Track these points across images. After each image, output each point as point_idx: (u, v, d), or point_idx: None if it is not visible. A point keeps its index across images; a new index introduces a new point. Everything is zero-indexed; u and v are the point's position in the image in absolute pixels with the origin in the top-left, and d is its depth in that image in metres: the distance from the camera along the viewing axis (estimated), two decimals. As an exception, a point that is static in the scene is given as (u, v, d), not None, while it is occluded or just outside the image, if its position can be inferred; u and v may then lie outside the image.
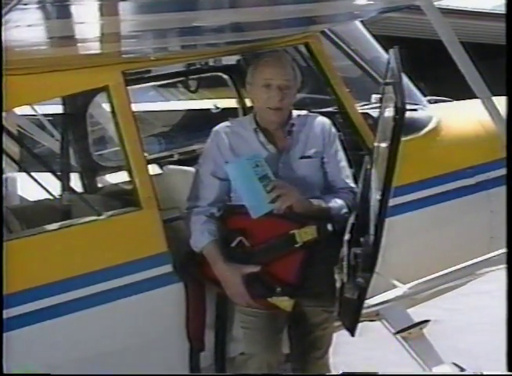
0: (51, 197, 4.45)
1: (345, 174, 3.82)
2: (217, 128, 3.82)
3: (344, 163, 3.83)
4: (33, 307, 3.45)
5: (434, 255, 4.29)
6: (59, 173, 4.48)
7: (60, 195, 4.46)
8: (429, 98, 5.06)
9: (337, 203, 3.70)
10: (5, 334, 3.07)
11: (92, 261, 3.61)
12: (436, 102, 5.11)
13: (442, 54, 3.76)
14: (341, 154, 3.83)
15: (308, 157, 3.76)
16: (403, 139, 3.32)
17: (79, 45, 3.54)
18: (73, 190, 4.43)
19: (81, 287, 3.56)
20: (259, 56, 3.82)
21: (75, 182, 4.71)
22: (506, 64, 3.13)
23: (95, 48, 3.65)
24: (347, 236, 3.50)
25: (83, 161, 4.77)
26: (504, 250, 3.45)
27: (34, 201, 4.60)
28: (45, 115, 5.07)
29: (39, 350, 3.45)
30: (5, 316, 3.12)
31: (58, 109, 4.72)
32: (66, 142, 4.68)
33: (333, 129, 3.83)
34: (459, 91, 4.29)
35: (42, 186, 4.34)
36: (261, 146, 3.74)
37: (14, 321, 3.35)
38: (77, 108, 4.68)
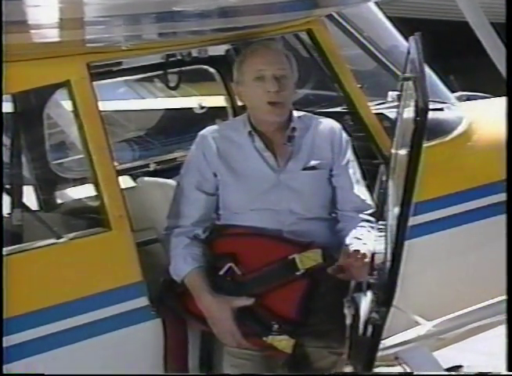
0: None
1: (360, 189, 3.86)
2: (203, 132, 3.88)
3: (358, 176, 3.88)
4: None
5: (465, 286, 4.32)
6: (8, 186, 4.51)
7: (9, 213, 4.49)
8: (459, 94, 5.11)
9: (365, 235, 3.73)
10: None
11: (49, 294, 3.64)
12: (468, 99, 5.15)
13: (476, 39, 3.78)
14: (355, 165, 3.88)
15: (313, 168, 3.81)
16: (426, 144, 3.36)
17: (33, 31, 3.57)
18: (25, 207, 4.46)
19: (36, 325, 3.59)
20: (244, 49, 3.86)
21: (28, 197, 4.74)
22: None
23: (53, 35, 3.68)
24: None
25: (38, 172, 4.81)
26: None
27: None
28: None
29: None
30: None
31: (7, 107, 4.75)
32: (17, 149, 4.68)
33: (345, 135, 3.89)
34: (497, 84, 4.29)
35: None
36: (257, 154, 3.79)
37: None
38: (31, 107, 4.72)
